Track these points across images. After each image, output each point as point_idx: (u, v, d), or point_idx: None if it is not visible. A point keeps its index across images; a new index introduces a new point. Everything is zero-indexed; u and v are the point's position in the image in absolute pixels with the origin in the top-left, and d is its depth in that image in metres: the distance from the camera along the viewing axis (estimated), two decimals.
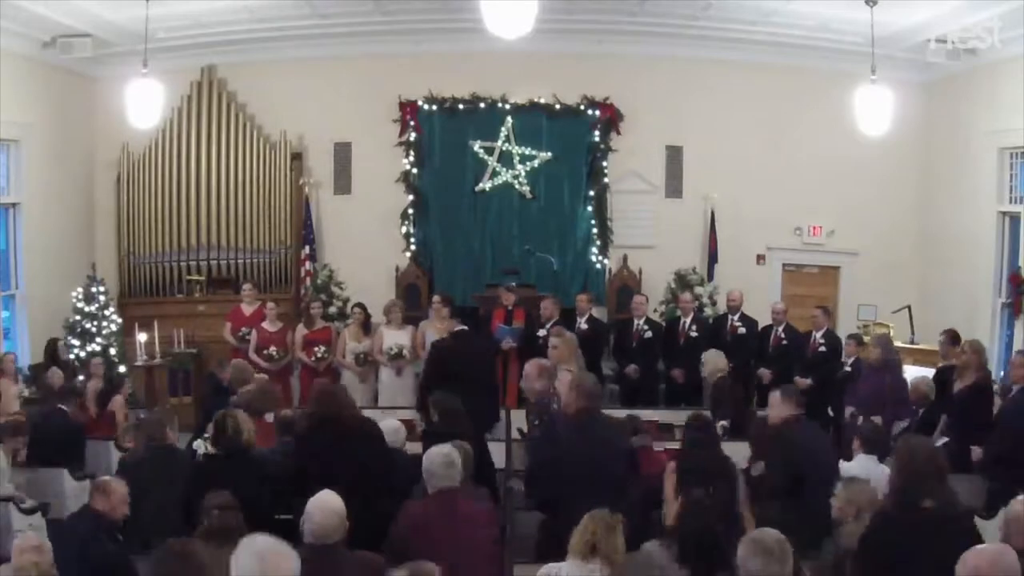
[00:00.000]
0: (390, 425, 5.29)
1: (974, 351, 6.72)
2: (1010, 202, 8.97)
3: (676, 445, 5.48)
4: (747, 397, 7.98)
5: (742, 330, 8.65)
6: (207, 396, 7.35)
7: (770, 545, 3.03)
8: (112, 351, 9.17)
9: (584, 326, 8.47)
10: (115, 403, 7.49)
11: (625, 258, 10.47)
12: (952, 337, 7.60)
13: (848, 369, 7.72)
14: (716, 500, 4.09)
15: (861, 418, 6.56)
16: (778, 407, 5.07)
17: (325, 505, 3.42)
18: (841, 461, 5.14)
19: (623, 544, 3.47)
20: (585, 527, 3.47)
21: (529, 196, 10.47)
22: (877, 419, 6.28)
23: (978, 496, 5.54)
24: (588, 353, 7.41)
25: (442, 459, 4.04)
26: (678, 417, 6.45)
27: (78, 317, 9.31)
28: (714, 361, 7.35)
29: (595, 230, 10.46)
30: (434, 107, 10.36)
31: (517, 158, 10.41)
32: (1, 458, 5.51)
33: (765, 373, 8.20)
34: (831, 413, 7.74)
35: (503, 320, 8.49)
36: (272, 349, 8.30)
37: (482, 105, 10.34)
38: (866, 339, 8.14)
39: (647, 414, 6.64)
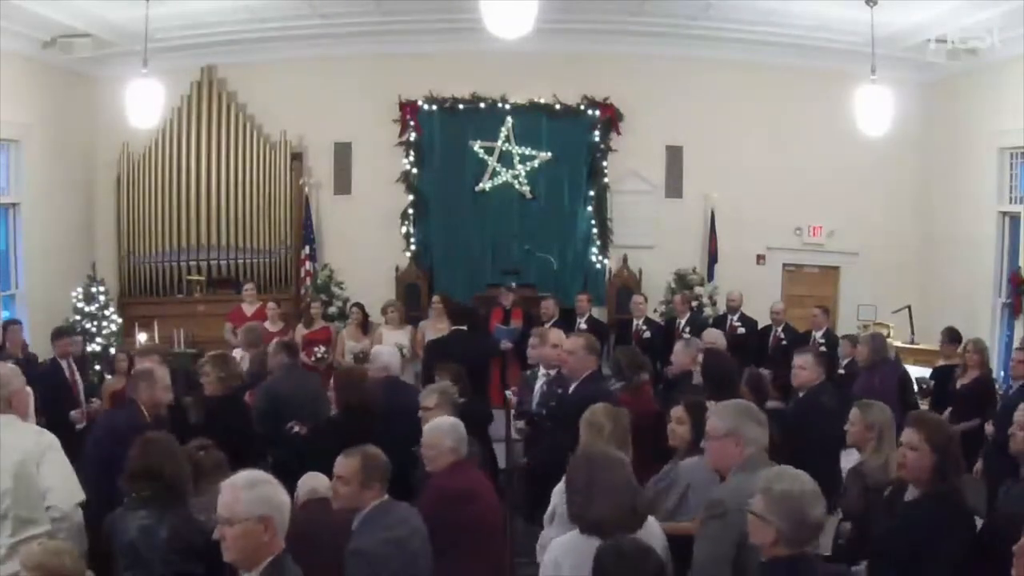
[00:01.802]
0: (386, 350, 5.81)
1: (977, 350, 6.75)
2: (1010, 202, 8.98)
3: None
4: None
5: (741, 330, 8.66)
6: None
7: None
8: (112, 351, 9.16)
9: (584, 326, 8.47)
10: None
11: (625, 258, 10.47)
12: (951, 335, 7.61)
13: (842, 371, 7.67)
14: None
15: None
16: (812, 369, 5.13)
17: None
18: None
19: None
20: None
21: (529, 196, 10.47)
22: None
23: (976, 496, 5.54)
24: None
25: (455, 432, 3.95)
26: None
27: (78, 317, 9.32)
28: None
29: (595, 230, 10.46)
30: (434, 107, 10.37)
31: (517, 158, 10.41)
32: None
33: (765, 373, 8.18)
34: None
35: (501, 320, 8.49)
36: None
37: (482, 105, 10.34)
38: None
39: None
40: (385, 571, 3.23)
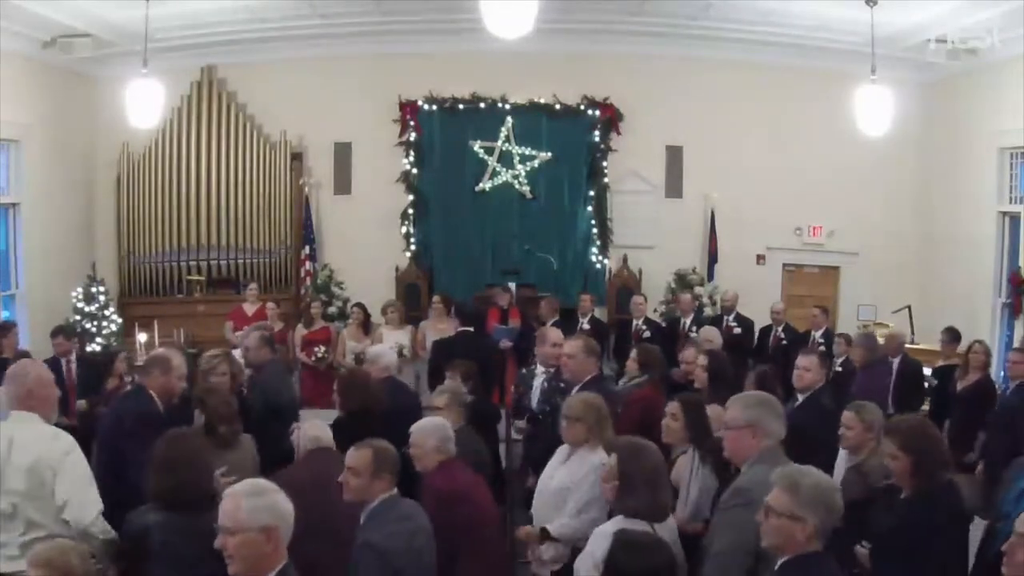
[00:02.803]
0: (387, 351, 5.87)
1: (985, 351, 6.79)
2: (1010, 202, 8.98)
3: None
4: None
5: (737, 330, 8.65)
6: None
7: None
8: (113, 351, 9.16)
9: (587, 326, 8.49)
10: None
11: (625, 258, 10.47)
12: (953, 335, 7.61)
13: (839, 369, 7.66)
14: None
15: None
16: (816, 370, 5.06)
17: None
18: None
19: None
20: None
21: (529, 196, 10.47)
22: None
23: (976, 495, 5.54)
24: None
25: (438, 432, 3.97)
26: None
27: (78, 317, 9.32)
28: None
29: (595, 230, 10.46)
30: (434, 107, 10.37)
31: (517, 158, 10.41)
32: None
33: None
34: None
35: (498, 320, 8.49)
36: None
37: (482, 105, 10.34)
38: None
39: None
40: (395, 564, 3.24)
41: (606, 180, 10.47)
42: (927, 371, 7.73)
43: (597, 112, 10.37)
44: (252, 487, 2.60)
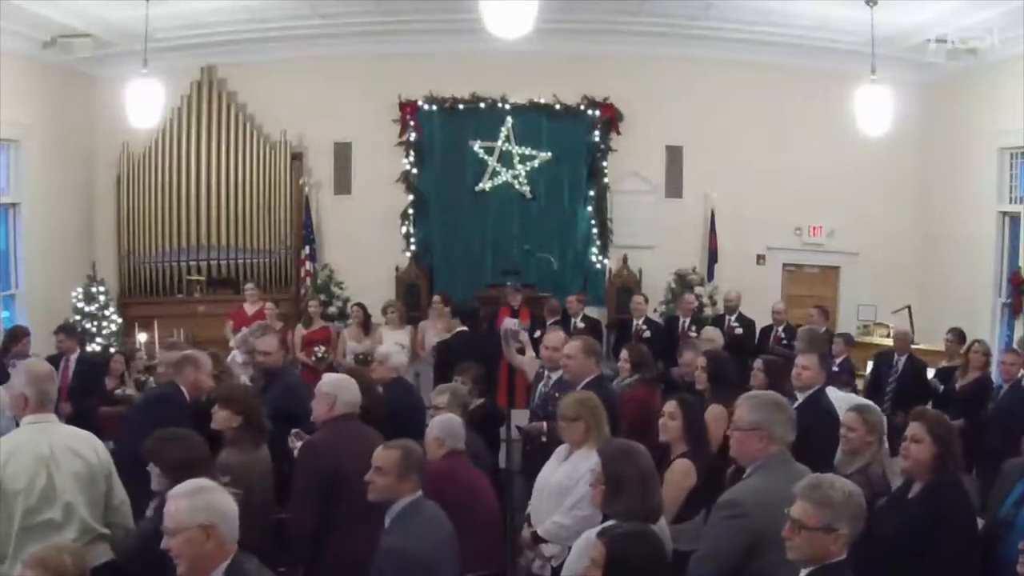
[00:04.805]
0: (396, 350, 5.84)
1: (985, 351, 6.80)
2: (1010, 202, 8.99)
3: None
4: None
5: (739, 331, 8.64)
6: None
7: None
8: (112, 351, 9.15)
9: (581, 324, 8.49)
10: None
11: (625, 258, 10.47)
12: (960, 336, 7.61)
13: (836, 369, 7.65)
14: None
15: None
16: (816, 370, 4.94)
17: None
18: None
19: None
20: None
21: (529, 196, 10.47)
22: None
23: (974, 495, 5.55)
24: None
25: (449, 425, 4.09)
26: None
27: (78, 317, 9.31)
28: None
29: (595, 230, 10.46)
30: (434, 107, 10.36)
31: (517, 158, 10.41)
32: None
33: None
34: None
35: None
36: None
37: (482, 105, 10.34)
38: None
39: None
40: (422, 566, 3.21)
41: (606, 180, 10.47)
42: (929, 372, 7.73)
43: (597, 112, 10.37)
44: (191, 487, 2.61)
